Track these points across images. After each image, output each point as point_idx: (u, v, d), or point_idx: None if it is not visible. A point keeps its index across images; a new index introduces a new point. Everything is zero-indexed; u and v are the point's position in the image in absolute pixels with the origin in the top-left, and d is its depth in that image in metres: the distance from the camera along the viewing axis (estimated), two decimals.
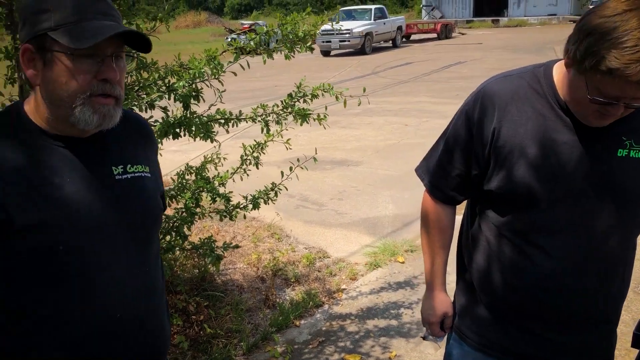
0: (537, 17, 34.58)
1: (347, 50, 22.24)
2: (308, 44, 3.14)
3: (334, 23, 3.47)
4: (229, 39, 21.03)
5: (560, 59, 1.46)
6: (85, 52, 1.16)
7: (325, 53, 22.11)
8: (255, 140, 3.24)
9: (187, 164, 3.36)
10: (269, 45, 3.12)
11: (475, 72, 15.14)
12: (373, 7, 24.15)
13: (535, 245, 1.48)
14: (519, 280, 1.52)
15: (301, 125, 3.09)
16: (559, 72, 1.46)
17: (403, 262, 4.24)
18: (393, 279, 3.99)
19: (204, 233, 4.40)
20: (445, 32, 28.11)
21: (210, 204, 3.43)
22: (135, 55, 1.26)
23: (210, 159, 3.42)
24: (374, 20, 22.89)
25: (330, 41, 21.44)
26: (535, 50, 19.75)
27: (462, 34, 30.37)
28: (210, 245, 3.23)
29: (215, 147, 3.17)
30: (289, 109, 3.09)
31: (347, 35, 20.88)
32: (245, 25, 25.89)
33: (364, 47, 21.91)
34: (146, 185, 1.37)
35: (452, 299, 1.83)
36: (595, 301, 1.51)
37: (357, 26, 21.20)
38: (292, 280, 4.00)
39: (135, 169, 1.34)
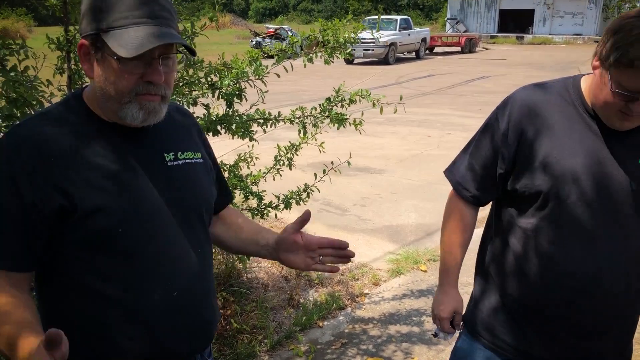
0: (562, 36, 34.44)
1: (370, 59, 22.32)
2: (348, 51, 3.20)
3: (374, 32, 3.54)
4: (254, 42, 21.36)
5: (589, 73, 1.55)
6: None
7: (349, 61, 22.20)
8: (290, 142, 3.30)
9: (221, 162, 3.43)
10: (301, 49, 3.17)
11: (499, 88, 15.12)
12: (399, 17, 24.24)
13: (569, 247, 1.52)
14: (552, 282, 1.55)
15: (338, 129, 3.16)
16: (586, 82, 1.55)
17: (425, 271, 4.27)
18: (415, 287, 4.02)
19: None
20: (469, 46, 28.11)
21: (243, 202, 3.49)
22: (185, 54, 1.30)
23: (243, 157, 3.49)
24: (399, 30, 22.96)
25: (354, 49, 21.53)
26: (560, 68, 19.68)
27: (486, 48, 30.35)
28: None
29: (248, 146, 3.23)
30: (327, 113, 3.15)
31: (372, 44, 20.96)
32: (271, 30, 26.15)
33: (388, 56, 21.99)
34: (197, 170, 1.42)
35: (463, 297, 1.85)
36: (627, 306, 1.55)
37: (382, 36, 21.26)
38: (315, 281, 4.05)
39: (186, 155, 1.40)
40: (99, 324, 1.27)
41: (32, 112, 2.49)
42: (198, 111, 2.93)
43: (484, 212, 1.85)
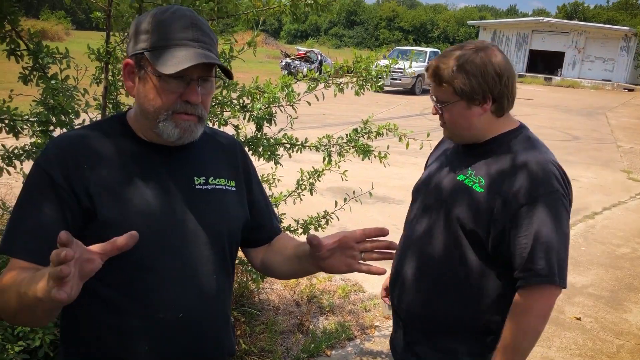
0: (590, 81, 34.31)
1: (397, 89, 22.42)
2: (379, 84, 3.23)
3: (404, 63, 3.57)
4: (283, 63, 21.57)
5: None
6: (173, 75, 1.24)
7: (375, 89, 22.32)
8: (313, 168, 3.33)
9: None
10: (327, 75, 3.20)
11: None
12: (428, 50, 24.38)
13: None
14: None
15: (362, 160, 3.18)
16: None
17: None
18: None
19: None
20: None
21: None
22: (222, 79, 1.35)
23: (266, 178, 3.53)
24: (428, 62, 23.01)
25: (385, 78, 21.64)
26: (587, 113, 19.58)
27: None
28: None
29: (272, 167, 3.26)
30: (353, 143, 3.18)
31: (400, 74, 21.07)
32: (301, 52, 26.37)
33: (415, 87, 22.06)
34: (227, 197, 1.45)
35: None
36: None
37: (410, 67, 21.33)
38: (326, 309, 4.04)
39: (218, 181, 1.43)
40: (111, 332, 1.29)
41: (68, 120, 2.55)
42: (227, 131, 2.98)
43: None
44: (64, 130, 2.54)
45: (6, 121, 2.53)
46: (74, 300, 1.27)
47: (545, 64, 37.63)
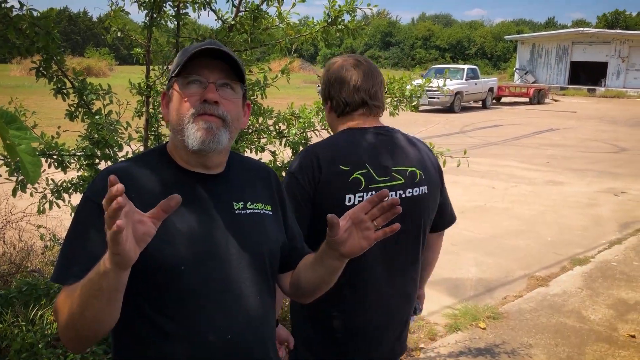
0: (637, 90, 33.36)
1: (435, 107, 22.31)
2: (413, 104, 3.24)
3: (439, 82, 3.57)
4: (320, 87, 21.83)
5: None
6: (192, 79, 1.37)
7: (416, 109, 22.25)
8: None
9: None
10: None
11: (568, 141, 14.74)
12: (466, 67, 24.23)
13: None
14: None
15: None
16: None
17: (484, 329, 4.15)
18: (473, 345, 3.91)
19: None
20: (537, 97, 27.66)
21: None
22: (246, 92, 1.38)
23: None
24: (466, 80, 22.90)
25: (421, 98, 21.60)
26: (635, 123, 19.01)
27: (556, 100, 29.74)
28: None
29: None
30: None
31: (437, 92, 20.98)
32: None
33: (453, 105, 21.91)
34: (266, 221, 1.50)
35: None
36: None
37: (448, 84, 21.20)
38: None
39: (256, 206, 1.49)
40: (161, 356, 1.32)
41: (112, 153, 2.66)
42: (265, 157, 3.03)
43: None
44: (109, 163, 2.65)
45: (55, 156, 2.65)
46: (125, 326, 1.31)
47: (588, 75, 36.83)
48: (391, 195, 1.82)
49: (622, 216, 7.47)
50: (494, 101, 26.51)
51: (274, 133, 2.98)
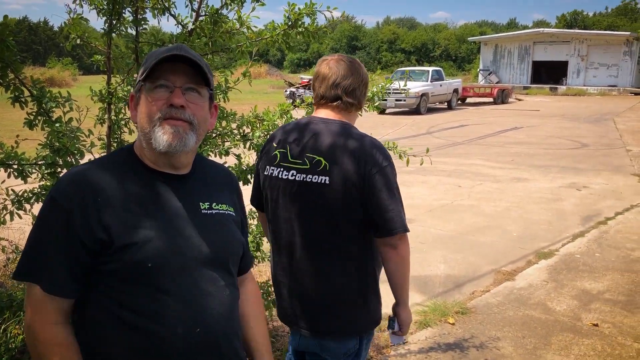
0: (596, 87, 34.28)
1: (402, 109, 22.54)
2: (375, 104, 3.29)
3: (401, 84, 3.63)
4: (288, 92, 21.80)
5: None
6: (159, 84, 1.39)
7: (380, 110, 22.46)
8: None
9: (250, 209, 3.51)
10: None
11: (532, 139, 15.06)
12: (430, 69, 24.56)
13: None
14: None
15: None
16: None
17: (453, 324, 4.22)
18: (442, 340, 3.97)
19: (262, 277, 4.51)
20: (501, 97, 28.17)
21: (261, 245, 3.55)
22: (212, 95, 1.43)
23: None
24: (431, 81, 23.20)
25: (386, 99, 21.82)
26: (595, 120, 19.52)
27: (519, 99, 30.34)
28: (267, 289, 3.34)
29: None
30: None
31: (403, 94, 21.20)
32: (305, 80, 26.71)
33: (419, 107, 22.17)
34: (229, 222, 1.56)
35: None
36: None
37: (413, 86, 21.50)
38: None
39: (220, 207, 1.54)
40: (128, 352, 1.35)
41: (74, 161, 2.63)
42: (230, 161, 3.04)
43: None
44: None
45: (15, 166, 2.61)
46: (91, 322, 1.37)
47: (550, 74, 37.69)
48: (292, 175, 2.09)
49: (584, 210, 7.67)
50: (459, 102, 26.92)
51: (238, 136, 2.99)
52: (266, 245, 3.34)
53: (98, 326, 1.37)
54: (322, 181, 2.03)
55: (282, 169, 2.12)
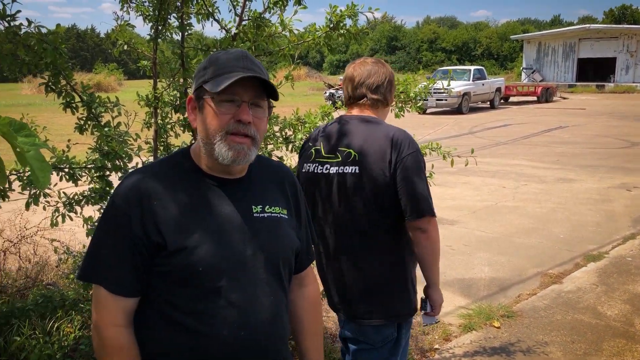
0: None
1: (443, 109, 22.28)
2: (418, 104, 3.26)
3: (444, 84, 3.59)
4: (327, 94, 21.79)
5: None
6: (226, 98, 1.40)
7: (422, 111, 22.21)
8: None
9: None
10: None
11: (578, 138, 14.66)
12: (472, 68, 24.20)
13: None
14: None
15: None
16: None
17: (499, 328, 4.14)
18: (488, 344, 3.90)
19: None
20: (545, 96, 27.54)
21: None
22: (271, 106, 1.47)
23: None
24: (473, 80, 22.86)
25: (426, 100, 21.57)
26: None
27: (564, 98, 29.59)
28: None
29: None
30: None
31: (445, 94, 20.95)
32: None
33: (461, 106, 21.88)
34: (282, 225, 1.55)
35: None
36: None
37: (455, 86, 21.22)
38: None
39: (273, 209, 1.54)
40: (177, 351, 1.39)
41: (122, 164, 2.69)
42: None
43: None
44: (119, 174, 2.69)
45: (66, 170, 2.69)
46: (144, 322, 1.42)
47: (596, 71, 36.62)
48: (327, 169, 2.23)
49: (635, 211, 7.41)
50: (502, 101, 26.44)
51: (280, 139, 3.01)
52: None
53: (151, 325, 1.41)
54: (353, 171, 2.16)
55: (317, 164, 2.27)
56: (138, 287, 1.40)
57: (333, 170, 2.22)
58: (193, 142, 2.39)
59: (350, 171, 2.17)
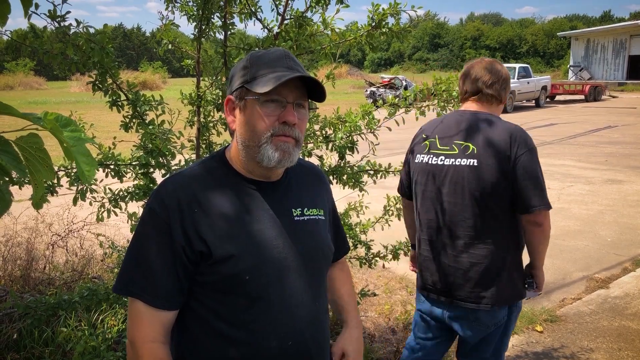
0: None
1: None
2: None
3: None
4: (368, 92, 21.65)
5: None
6: (271, 98, 1.35)
7: None
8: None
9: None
10: (415, 100, 3.21)
11: (628, 138, 14.18)
12: (517, 65, 23.66)
13: None
14: None
15: None
16: None
17: (541, 332, 4.04)
18: (530, 349, 3.81)
19: None
20: (593, 94, 26.74)
21: (351, 250, 3.55)
22: (314, 107, 1.44)
23: (353, 206, 3.57)
24: (517, 79, 22.38)
25: None
26: None
27: (613, 96, 28.67)
28: None
29: (358, 195, 3.30)
30: None
31: None
32: (385, 79, 26.50)
33: (506, 105, 21.39)
34: (320, 227, 1.53)
35: None
36: None
37: None
38: None
39: (311, 212, 1.52)
40: None
41: (165, 161, 2.75)
42: (312, 162, 3.06)
43: None
44: (163, 171, 2.74)
45: (111, 166, 2.76)
46: (185, 331, 1.39)
47: None
48: (442, 160, 2.38)
49: None
50: (548, 99, 25.79)
51: (321, 138, 3.01)
52: None
53: (193, 337, 1.39)
54: (471, 163, 2.31)
55: (431, 156, 2.44)
56: (179, 299, 1.36)
57: (448, 162, 2.37)
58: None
59: (467, 163, 2.31)
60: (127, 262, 1.38)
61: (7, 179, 0.92)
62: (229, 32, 2.77)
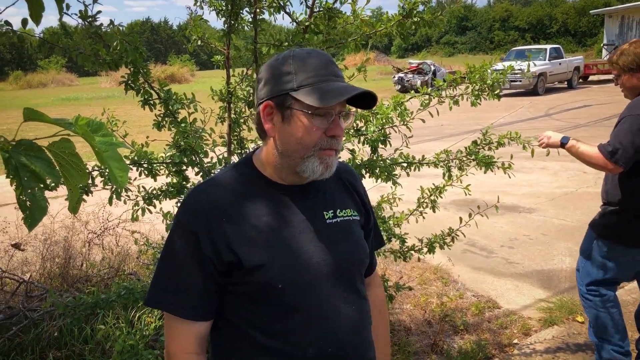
0: None
1: (517, 91, 21.48)
2: (496, 92, 3.11)
3: (521, 64, 3.42)
4: (396, 78, 21.24)
5: None
6: (320, 111, 1.29)
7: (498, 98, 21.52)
8: (433, 184, 3.27)
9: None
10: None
11: None
12: (548, 47, 23.11)
13: None
14: None
15: (485, 173, 3.07)
16: None
17: (583, 323, 3.94)
18: (571, 340, 3.72)
19: None
20: None
21: (385, 243, 3.50)
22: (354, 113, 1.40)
23: (386, 199, 3.52)
24: (549, 60, 21.87)
25: (504, 84, 20.85)
26: None
27: None
28: (384, 284, 3.30)
29: (392, 187, 3.24)
30: (473, 156, 3.08)
31: (519, 75, 20.17)
32: (413, 65, 26.15)
33: (537, 87, 21.00)
34: (354, 228, 1.47)
35: None
36: None
37: (531, 67, 20.35)
38: (460, 327, 3.92)
39: (345, 213, 1.46)
40: None
41: (198, 159, 2.74)
42: (344, 156, 3.02)
43: None
44: (196, 169, 2.73)
45: (145, 165, 2.77)
46: (223, 341, 1.38)
47: None
48: None
49: None
50: (581, 80, 25.13)
51: (352, 131, 2.97)
52: None
53: (229, 346, 1.37)
54: None
55: None
56: (211, 310, 1.35)
57: None
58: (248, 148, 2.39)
59: None
60: (157, 275, 1.36)
61: (41, 185, 0.91)
62: (258, 28, 2.74)
